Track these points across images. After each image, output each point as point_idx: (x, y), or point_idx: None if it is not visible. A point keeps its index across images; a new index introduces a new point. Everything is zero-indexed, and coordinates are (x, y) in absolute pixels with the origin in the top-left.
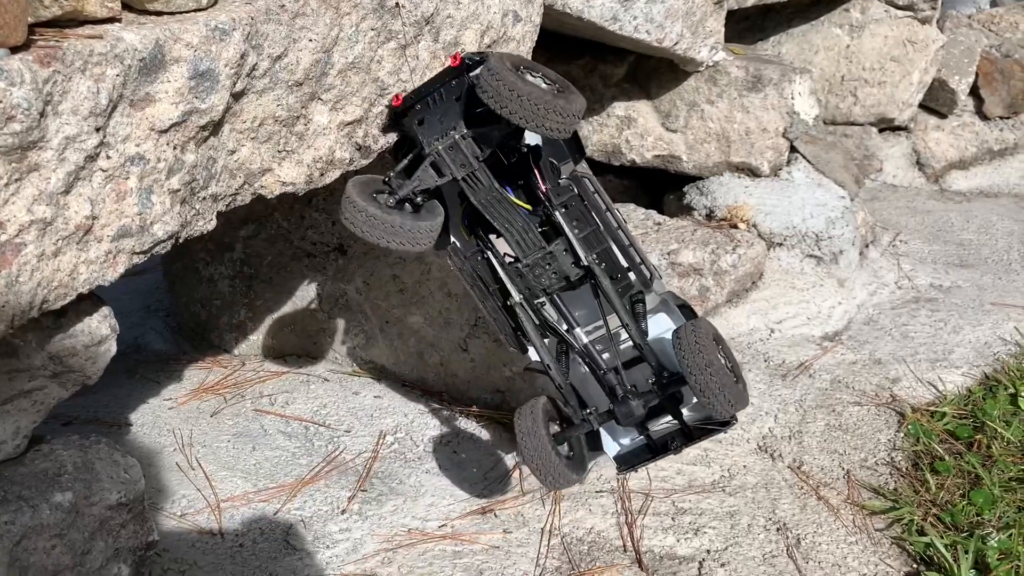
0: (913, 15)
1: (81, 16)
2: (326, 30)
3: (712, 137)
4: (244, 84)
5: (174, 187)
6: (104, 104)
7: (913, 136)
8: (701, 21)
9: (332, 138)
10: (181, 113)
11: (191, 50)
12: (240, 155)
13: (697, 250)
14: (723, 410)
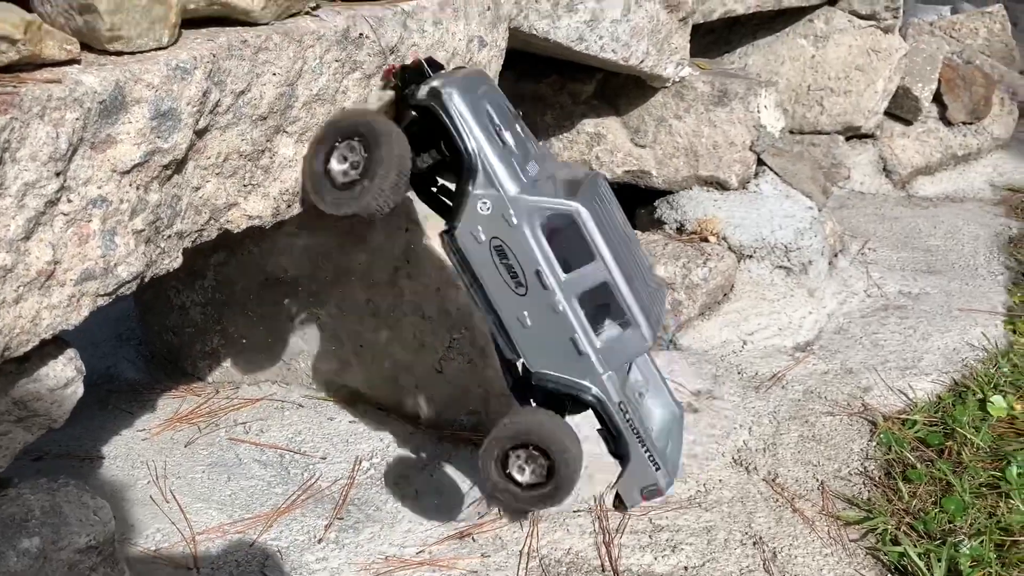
0: (876, 24)
1: (39, 60)
2: (289, 63)
3: (680, 152)
4: (207, 121)
5: (138, 227)
6: (64, 148)
7: (880, 143)
8: (666, 38)
9: (298, 170)
10: (143, 153)
11: (152, 90)
12: (205, 191)
13: (669, 265)
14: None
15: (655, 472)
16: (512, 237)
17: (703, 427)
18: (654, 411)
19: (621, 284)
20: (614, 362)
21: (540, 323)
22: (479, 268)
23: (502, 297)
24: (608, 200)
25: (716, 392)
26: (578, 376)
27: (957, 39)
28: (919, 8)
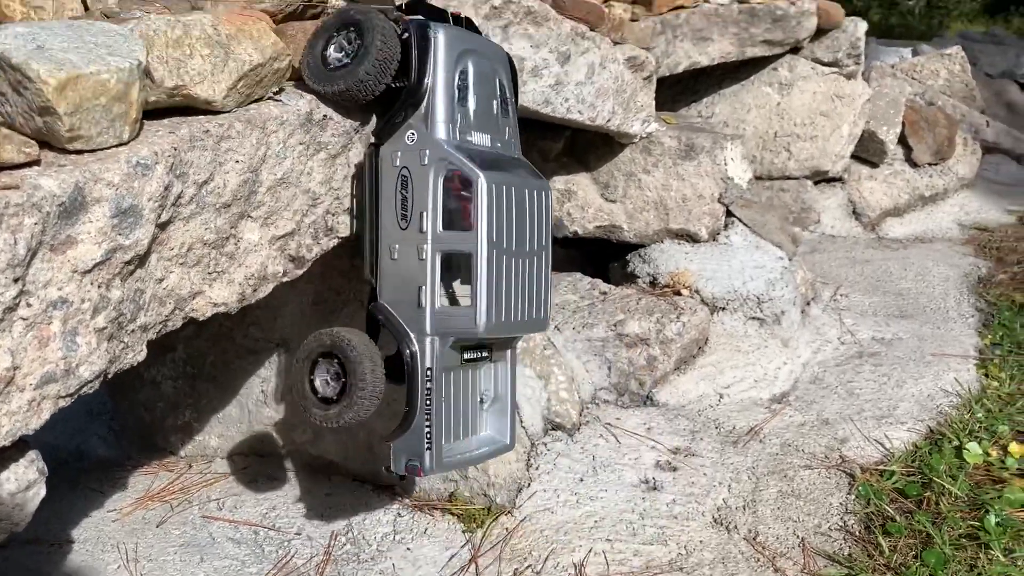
0: (839, 71)
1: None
2: (252, 150)
3: (650, 205)
4: (170, 213)
5: (100, 325)
6: (22, 254)
7: (848, 187)
8: (632, 97)
9: (264, 254)
10: (104, 252)
11: (112, 189)
12: (169, 282)
13: (643, 320)
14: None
15: (424, 449)
16: (418, 174)
17: (682, 486)
18: (482, 426)
19: (482, 265)
20: (441, 329)
21: (403, 262)
22: (383, 188)
23: (388, 223)
24: (533, 203)
25: (694, 448)
26: (408, 325)
27: (919, 80)
28: (880, 51)
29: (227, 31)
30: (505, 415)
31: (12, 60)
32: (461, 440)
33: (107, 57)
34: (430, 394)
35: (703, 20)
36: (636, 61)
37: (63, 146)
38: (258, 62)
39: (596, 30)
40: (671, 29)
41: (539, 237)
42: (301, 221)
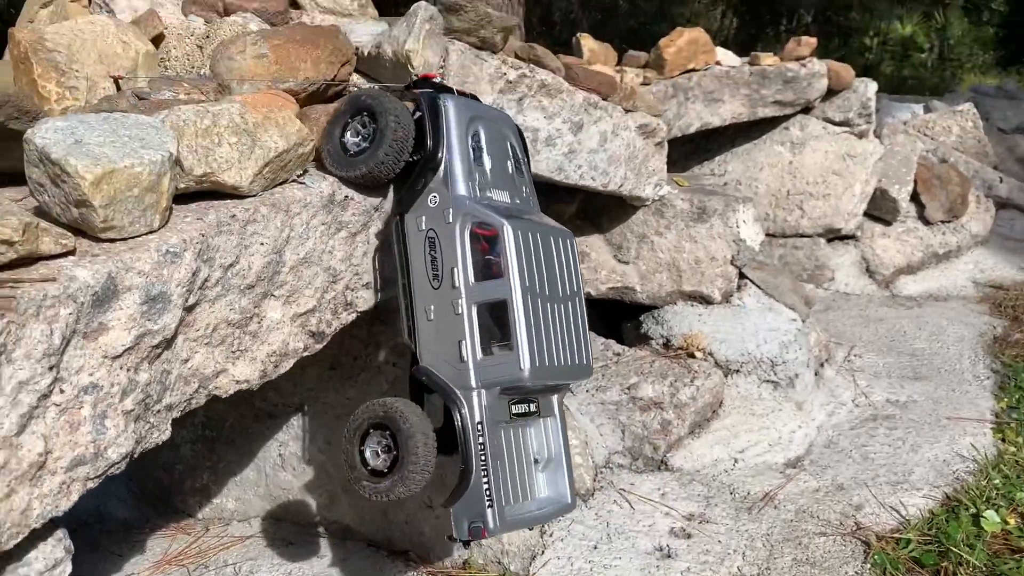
0: (850, 130)
1: (36, 255)
2: (277, 232)
3: (663, 267)
4: (197, 297)
5: (128, 408)
6: (57, 344)
7: (861, 244)
8: (644, 162)
9: (286, 331)
10: (134, 337)
11: (143, 277)
12: (194, 362)
13: (656, 383)
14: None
15: (486, 508)
16: (444, 232)
17: (697, 554)
18: (540, 487)
19: (518, 308)
20: (486, 380)
21: (440, 319)
22: (412, 253)
23: (420, 285)
24: (558, 250)
25: (708, 515)
26: (453, 381)
27: (931, 137)
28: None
29: (254, 119)
30: (562, 473)
31: (52, 155)
32: (521, 502)
33: (140, 150)
34: (484, 449)
35: (714, 82)
36: (648, 128)
37: (97, 235)
38: (283, 148)
39: (608, 99)
40: (683, 92)
41: (569, 283)
42: (322, 298)
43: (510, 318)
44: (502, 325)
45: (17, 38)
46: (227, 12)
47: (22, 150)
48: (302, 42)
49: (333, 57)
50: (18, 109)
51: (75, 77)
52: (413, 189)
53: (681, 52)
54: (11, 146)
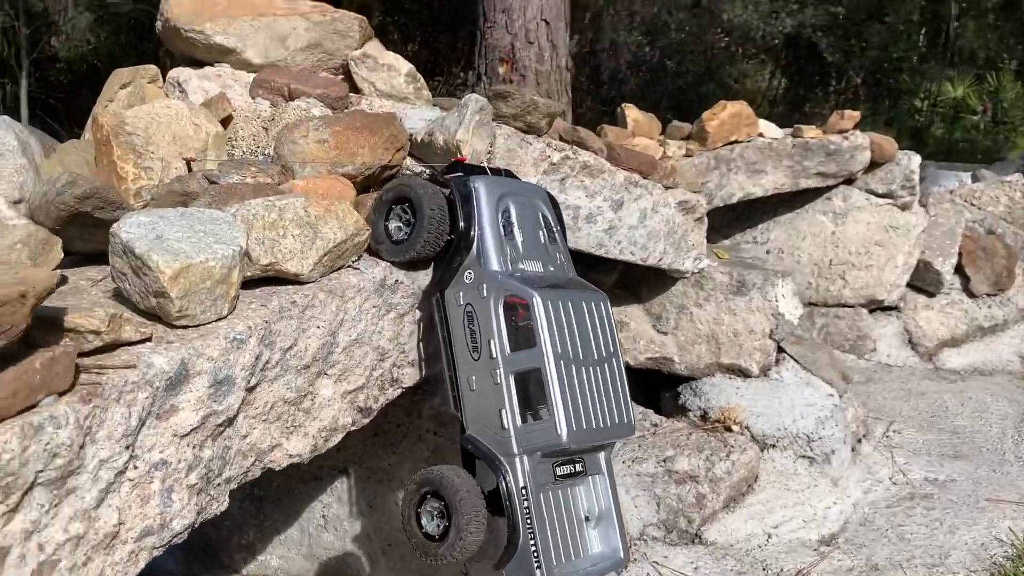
0: (893, 202)
1: (119, 342)
2: (332, 316)
3: (702, 339)
4: (258, 378)
5: (192, 482)
6: (135, 425)
7: (904, 315)
8: (683, 237)
9: (336, 407)
10: (201, 418)
11: (212, 363)
12: (252, 437)
13: (692, 457)
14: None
15: (535, 569)
16: (480, 306)
17: None
18: (592, 544)
19: (551, 375)
20: (527, 446)
21: (482, 389)
22: (453, 328)
23: (462, 358)
24: (590, 314)
25: None
26: (496, 448)
27: (978, 206)
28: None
29: (316, 212)
30: (613, 528)
31: (135, 249)
32: (573, 560)
33: (214, 245)
34: (529, 512)
35: (757, 154)
36: (687, 204)
37: (171, 323)
38: (341, 239)
39: (649, 177)
40: (725, 163)
41: (605, 345)
42: (370, 375)
43: (545, 385)
44: (538, 392)
45: (100, 121)
46: (292, 97)
47: (105, 235)
48: (361, 128)
49: (389, 143)
50: (103, 200)
51: (151, 158)
52: (450, 267)
53: (724, 125)
54: (95, 232)
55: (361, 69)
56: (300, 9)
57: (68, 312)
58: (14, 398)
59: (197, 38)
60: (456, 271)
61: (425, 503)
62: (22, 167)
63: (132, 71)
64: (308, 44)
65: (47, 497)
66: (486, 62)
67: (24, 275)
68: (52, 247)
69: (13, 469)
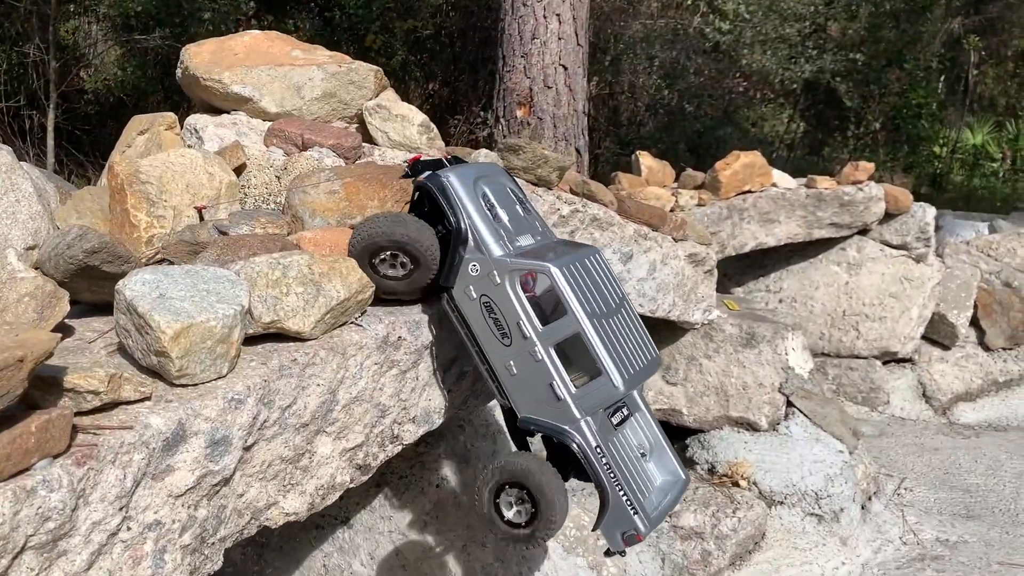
0: (908, 254)
1: (118, 401)
2: (333, 374)
3: (711, 391)
4: (255, 437)
5: (186, 543)
6: (129, 486)
7: (918, 368)
8: (692, 289)
9: (334, 465)
10: (196, 478)
11: (209, 423)
12: (248, 496)
13: (698, 512)
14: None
15: (632, 516)
16: (497, 294)
17: None
18: (655, 475)
19: (592, 335)
20: (589, 407)
21: (524, 371)
22: (473, 323)
23: (492, 348)
24: (595, 269)
25: None
26: (558, 420)
27: (995, 258)
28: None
29: (320, 270)
30: (667, 455)
31: (138, 308)
32: (649, 495)
33: (216, 304)
34: (610, 468)
35: (770, 203)
36: (697, 257)
37: (171, 381)
38: (344, 297)
39: (658, 230)
40: (738, 212)
41: (614, 293)
42: (370, 433)
43: (588, 346)
44: (582, 355)
45: (115, 170)
46: (305, 146)
47: (110, 287)
48: (371, 180)
49: (399, 196)
50: (112, 254)
51: (164, 207)
52: (452, 265)
53: (737, 175)
54: (102, 284)
55: (375, 119)
56: (316, 59)
57: (68, 372)
58: (7, 461)
59: (215, 87)
60: (458, 267)
61: (506, 492)
62: (37, 213)
63: (150, 118)
64: (323, 94)
65: (37, 561)
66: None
67: (23, 338)
68: (59, 300)
69: (4, 533)
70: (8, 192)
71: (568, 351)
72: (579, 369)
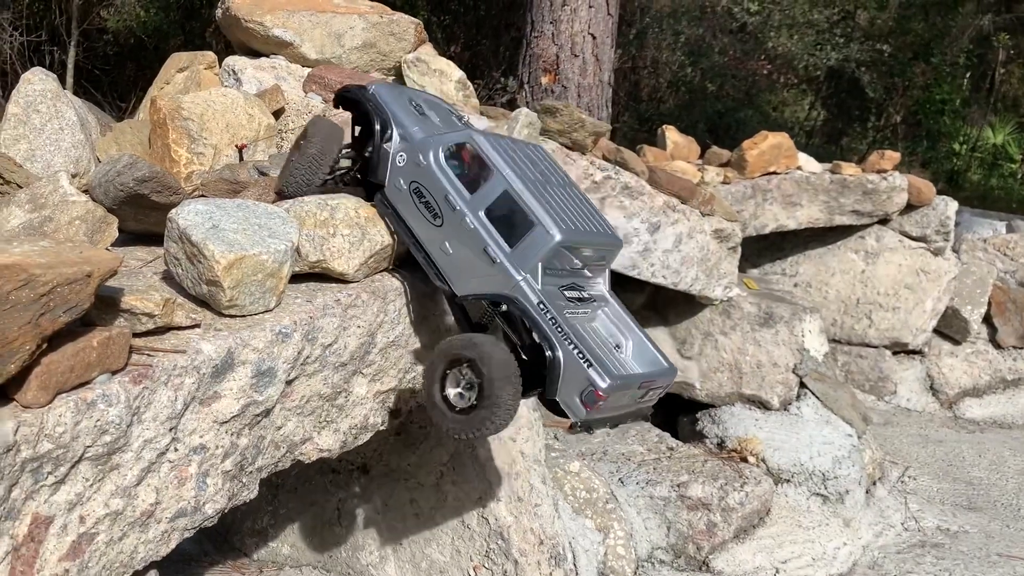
0: (926, 246)
1: (170, 326)
2: (373, 317)
3: (725, 367)
4: (297, 372)
5: (227, 468)
6: (179, 408)
7: (927, 361)
8: (716, 265)
9: (368, 406)
10: (241, 406)
11: (256, 353)
12: (286, 429)
13: (706, 484)
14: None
15: (587, 369)
16: (424, 175)
17: None
18: (634, 366)
19: (520, 190)
20: (526, 264)
21: (458, 246)
22: (405, 214)
23: (426, 233)
24: (533, 152)
25: None
26: (497, 288)
27: (1011, 258)
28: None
29: (366, 214)
30: (648, 347)
31: (192, 237)
32: (614, 360)
33: (268, 239)
34: (556, 322)
35: (794, 186)
36: (723, 233)
37: (220, 311)
38: (387, 243)
39: (687, 203)
40: (761, 193)
41: (559, 176)
42: (402, 378)
43: (520, 201)
44: (516, 214)
45: (158, 104)
46: None
47: (157, 217)
48: None
49: None
50: (161, 184)
51: (204, 144)
52: (381, 159)
53: (763, 155)
54: (149, 213)
55: (413, 72)
56: (358, 8)
57: (125, 293)
58: (71, 373)
59: (256, 29)
60: (388, 163)
61: (449, 376)
62: (79, 142)
63: (191, 56)
64: (363, 43)
65: (92, 472)
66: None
67: (89, 255)
68: (109, 226)
69: (65, 442)
70: (53, 119)
71: (505, 215)
72: (516, 232)
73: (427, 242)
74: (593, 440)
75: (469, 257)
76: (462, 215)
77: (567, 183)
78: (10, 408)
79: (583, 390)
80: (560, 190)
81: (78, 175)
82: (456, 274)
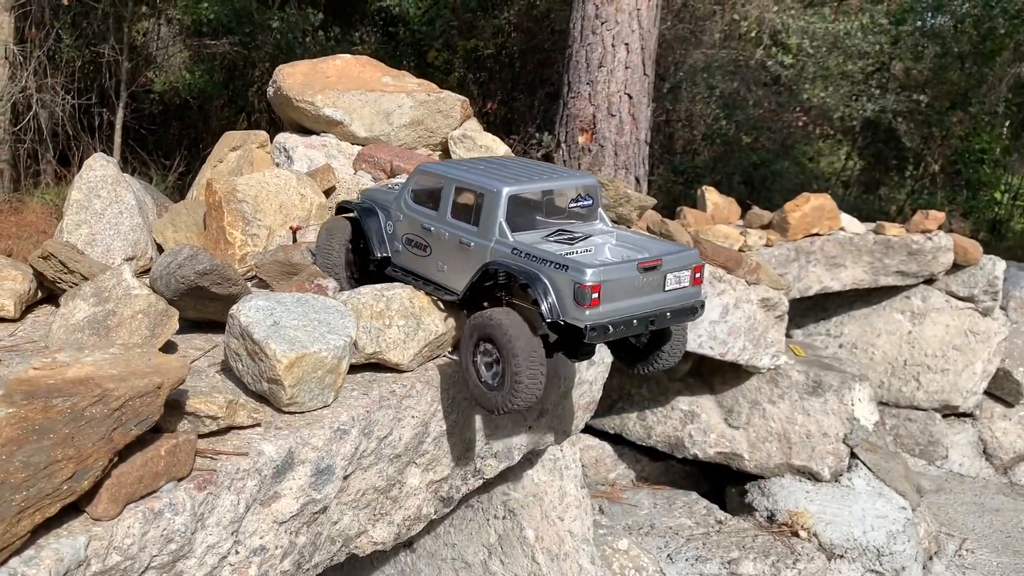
0: (974, 307)
1: (232, 426)
2: (427, 406)
3: (773, 437)
4: (354, 467)
5: (286, 568)
6: (242, 512)
7: (979, 424)
8: (763, 334)
9: (421, 497)
10: (300, 505)
11: (316, 452)
12: (342, 524)
13: (758, 561)
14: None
15: (567, 273)
16: (405, 226)
17: None
18: (624, 256)
19: (465, 177)
20: (492, 228)
21: (445, 257)
22: (411, 265)
23: (426, 268)
24: (497, 160)
25: None
26: (478, 262)
27: None
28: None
29: (420, 304)
30: (654, 243)
31: (254, 335)
32: (599, 259)
33: (327, 336)
34: (531, 255)
35: (837, 248)
36: (769, 302)
37: (280, 408)
38: (442, 331)
39: (733, 273)
40: (805, 255)
41: (513, 161)
42: (455, 466)
43: (468, 185)
44: (471, 196)
45: (214, 187)
46: (393, 173)
47: (217, 307)
48: None
49: None
50: (221, 276)
51: (258, 225)
52: (380, 238)
53: (806, 217)
54: (208, 303)
55: (459, 148)
56: (406, 87)
57: (189, 396)
58: (139, 484)
59: (307, 108)
60: (382, 236)
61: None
62: (137, 225)
63: (243, 135)
64: (411, 121)
65: None
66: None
67: (157, 363)
68: (170, 319)
69: (132, 553)
70: (113, 203)
71: (465, 210)
72: (477, 213)
73: (428, 273)
74: (640, 513)
75: (455, 257)
76: (438, 232)
77: (529, 162)
78: (81, 521)
79: (573, 293)
80: (517, 165)
81: (135, 258)
82: (454, 279)
